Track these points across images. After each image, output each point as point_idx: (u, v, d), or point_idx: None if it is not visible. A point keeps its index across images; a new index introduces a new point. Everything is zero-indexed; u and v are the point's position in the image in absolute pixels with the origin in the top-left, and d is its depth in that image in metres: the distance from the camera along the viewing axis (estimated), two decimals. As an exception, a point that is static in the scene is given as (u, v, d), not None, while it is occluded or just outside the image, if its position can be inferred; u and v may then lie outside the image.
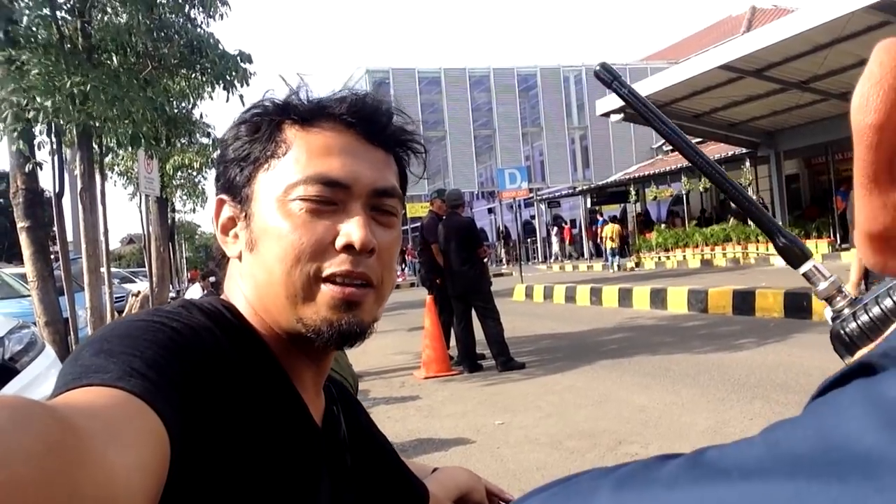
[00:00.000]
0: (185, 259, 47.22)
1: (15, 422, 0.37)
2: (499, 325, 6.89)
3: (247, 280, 0.72)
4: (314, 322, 0.68)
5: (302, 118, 0.72)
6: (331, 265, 0.68)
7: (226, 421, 0.59)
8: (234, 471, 0.59)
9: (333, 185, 0.69)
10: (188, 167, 15.66)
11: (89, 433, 0.42)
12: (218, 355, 0.62)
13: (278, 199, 0.69)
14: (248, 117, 0.74)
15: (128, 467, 0.43)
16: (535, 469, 3.83)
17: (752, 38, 11.14)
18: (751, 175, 17.60)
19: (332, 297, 0.68)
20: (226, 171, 0.75)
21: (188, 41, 7.27)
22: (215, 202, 0.76)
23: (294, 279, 0.68)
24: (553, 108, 30.22)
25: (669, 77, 12.73)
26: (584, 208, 27.34)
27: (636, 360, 6.67)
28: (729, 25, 30.98)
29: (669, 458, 0.28)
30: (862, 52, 10.61)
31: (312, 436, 0.71)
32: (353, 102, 0.73)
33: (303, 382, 0.73)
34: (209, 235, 27.01)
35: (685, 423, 4.46)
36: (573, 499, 0.30)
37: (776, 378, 5.41)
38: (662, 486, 0.26)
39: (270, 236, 0.69)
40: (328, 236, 0.68)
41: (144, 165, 9.84)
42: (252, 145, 0.72)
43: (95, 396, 0.49)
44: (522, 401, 5.50)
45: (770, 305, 8.75)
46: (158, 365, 0.54)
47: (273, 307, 0.70)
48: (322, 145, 0.71)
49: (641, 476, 0.28)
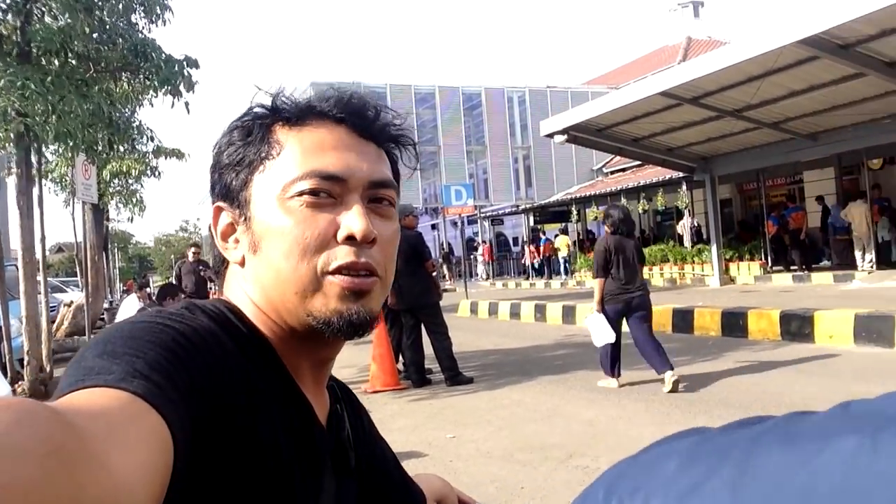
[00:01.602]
0: (118, 269, 45.67)
1: (17, 423, 0.37)
2: (447, 339, 6.93)
3: (252, 283, 0.72)
4: (324, 314, 0.69)
5: (292, 118, 0.73)
6: (335, 257, 0.69)
7: (229, 421, 0.59)
8: (238, 470, 0.59)
9: (330, 178, 0.70)
10: (126, 174, 15.23)
11: (92, 434, 0.42)
12: (221, 356, 0.62)
13: (277, 197, 0.70)
14: (240, 122, 0.75)
15: (131, 468, 0.43)
16: (489, 482, 3.87)
17: (689, 67, 11.56)
18: (687, 198, 18.21)
19: (340, 288, 0.69)
20: (221, 177, 0.75)
21: (132, 45, 7.12)
22: (213, 210, 0.76)
23: (301, 274, 0.68)
24: (497, 128, 30.65)
25: (611, 102, 13.08)
26: (527, 226, 27.73)
27: (581, 375, 6.80)
28: (666, 54, 32.10)
29: (808, 414, 0.33)
30: (793, 84, 11.18)
31: (317, 435, 0.71)
32: (339, 99, 0.74)
33: (307, 382, 0.73)
34: (143, 245, 26.28)
35: (632, 436, 4.59)
36: (728, 454, 0.34)
37: (717, 394, 5.61)
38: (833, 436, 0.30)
39: (273, 235, 0.70)
40: (330, 229, 0.69)
41: (82, 171, 9.54)
42: (246, 149, 0.73)
43: (98, 398, 0.49)
44: (472, 415, 5.54)
45: (708, 324, 9.06)
46: (161, 366, 0.54)
47: (282, 305, 0.70)
48: (315, 142, 0.72)
49: (801, 430, 0.32)
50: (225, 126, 0.78)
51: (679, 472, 0.34)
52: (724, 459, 0.33)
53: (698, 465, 0.34)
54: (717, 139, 14.27)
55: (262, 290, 0.72)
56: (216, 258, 0.79)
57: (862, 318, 7.32)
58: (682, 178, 17.37)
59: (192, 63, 7.48)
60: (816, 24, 9.03)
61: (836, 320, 7.59)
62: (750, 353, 7.29)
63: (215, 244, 0.77)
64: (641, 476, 0.37)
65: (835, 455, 0.29)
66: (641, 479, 0.37)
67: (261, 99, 0.77)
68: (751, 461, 0.32)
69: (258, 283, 0.72)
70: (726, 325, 8.78)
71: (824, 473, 0.29)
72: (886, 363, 6.30)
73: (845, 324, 7.44)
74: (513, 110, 31.47)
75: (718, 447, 0.35)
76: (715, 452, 0.34)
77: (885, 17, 8.55)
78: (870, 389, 5.36)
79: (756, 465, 0.31)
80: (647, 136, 14.60)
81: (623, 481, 0.38)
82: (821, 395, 5.30)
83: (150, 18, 8.17)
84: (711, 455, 0.34)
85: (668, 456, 0.37)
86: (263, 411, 0.63)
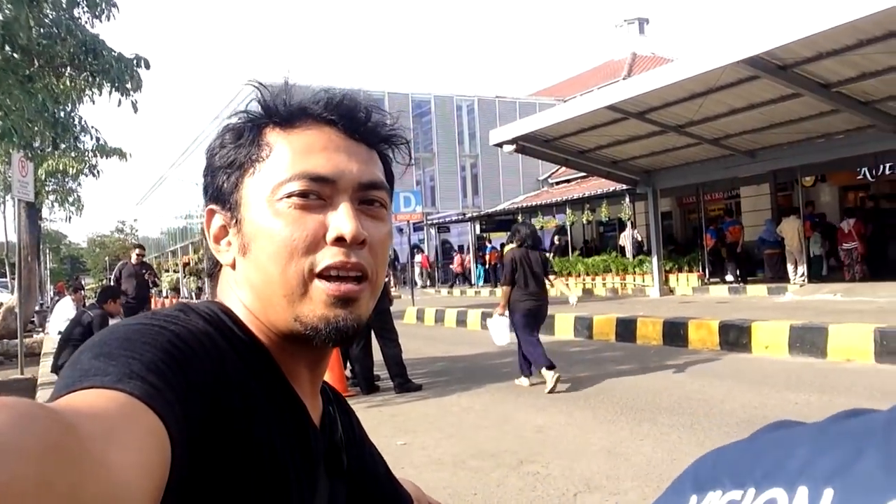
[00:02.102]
0: (48, 270, 43.93)
1: (15, 423, 0.37)
2: (397, 346, 6.91)
3: (242, 286, 0.72)
4: (311, 320, 0.69)
5: (283, 120, 0.73)
6: (324, 258, 0.68)
7: (225, 422, 0.59)
8: (234, 471, 0.59)
9: (319, 180, 0.70)
10: (63, 173, 14.68)
11: (89, 434, 0.42)
12: (217, 358, 0.62)
13: (266, 199, 0.70)
14: (231, 125, 0.75)
15: (128, 468, 0.43)
16: (442, 488, 3.87)
17: (635, 83, 11.87)
18: (630, 210, 18.63)
19: (327, 294, 0.68)
20: (214, 180, 0.75)
21: (81, 41, 6.90)
22: (206, 213, 0.76)
23: (289, 276, 0.68)
24: (445, 136, 30.76)
25: (559, 113, 13.31)
26: (473, 234, 27.89)
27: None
28: (611, 68, 32.82)
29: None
30: (734, 102, 11.60)
31: (311, 436, 0.72)
32: (330, 100, 0.74)
33: (301, 384, 0.73)
34: (76, 246, 25.45)
35: (581, 443, 4.66)
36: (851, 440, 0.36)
37: (660, 401, 5.75)
38: None
39: (262, 237, 0.69)
40: (319, 231, 0.69)
41: (19, 168, 9.16)
42: (237, 151, 0.73)
43: (95, 398, 0.49)
44: (422, 422, 5.54)
45: (650, 333, 9.28)
46: (158, 368, 0.55)
47: (270, 308, 0.70)
48: (305, 144, 0.72)
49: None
50: (219, 128, 0.77)
51: (818, 456, 0.36)
52: (866, 442, 0.35)
53: (837, 448, 0.36)
54: (660, 153, 14.68)
55: (252, 292, 0.71)
56: (209, 260, 0.78)
57: (796, 329, 7.62)
58: (626, 191, 17.77)
59: (142, 62, 7.29)
60: (757, 44, 9.40)
61: (772, 331, 7.87)
62: (691, 362, 7.50)
63: (209, 247, 0.76)
64: (772, 461, 0.38)
65: None
66: (773, 464, 0.38)
67: (255, 99, 0.77)
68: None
69: (248, 286, 0.72)
70: (667, 335, 9.02)
71: None
72: (819, 372, 6.57)
73: (781, 334, 7.73)
74: (462, 118, 31.62)
75: (851, 432, 0.37)
76: (851, 436, 0.36)
77: (821, 40, 8.96)
78: (806, 398, 5.58)
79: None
80: (592, 149, 14.90)
81: (748, 465, 0.39)
82: (760, 402, 5.49)
83: (93, 13, 7.94)
84: (848, 439, 0.36)
85: (792, 442, 0.39)
86: (259, 413, 0.63)
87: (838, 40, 9.00)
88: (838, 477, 0.34)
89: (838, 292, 12.54)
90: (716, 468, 0.41)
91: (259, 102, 0.75)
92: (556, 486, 3.80)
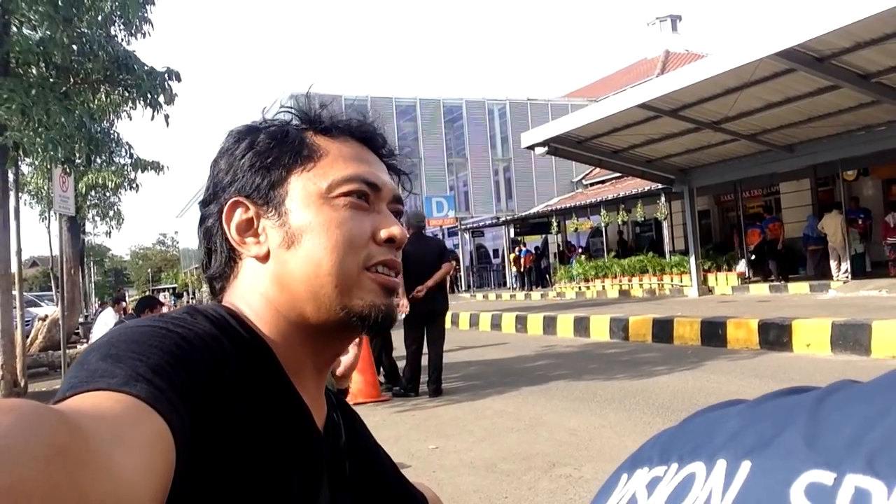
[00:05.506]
0: (93, 283, 45.07)
1: (21, 425, 0.37)
2: (441, 349, 6.96)
3: (272, 278, 0.73)
4: (361, 308, 0.73)
5: (325, 129, 0.80)
6: (377, 254, 0.75)
7: (230, 426, 0.60)
8: (237, 475, 0.59)
9: (372, 186, 0.77)
10: (103, 187, 15.05)
11: (95, 436, 0.42)
12: (223, 361, 0.63)
13: (322, 195, 0.74)
14: (268, 127, 0.79)
15: (133, 471, 0.44)
16: (473, 492, 3.84)
17: (668, 80, 11.68)
18: (666, 210, 18.37)
19: (379, 284, 0.74)
20: (243, 176, 0.76)
21: (114, 56, 7.06)
22: (227, 205, 0.76)
23: (346, 266, 0.72)
24: (478, 140, 30.74)
25: (591, 114, 13.17)
26: (507, 238, 27.81)
27: (563, 385, 6.81)
28: (644, 67, 32.48)
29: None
30: (769, 97, 11.35)
31: (315, 442, 0.72)
32: (360, 121, 0.82)
33: (306, 388, 0.74)
34: (120, 259, 26.02)
35: (615, 445, 4.59)
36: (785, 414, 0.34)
37: (697, 402, 5.62)
38: None
39: (317, 229, 0.73)
40: (370, 230, 0.75)
41: (59, 183, 9.42)
42: (282, 150, 0.77)
43: (101, 401, 0.49)
44: (454, 426, 5.52)
45: (687, 334, 9.12)
46: (164, 370, 0.55)
47: (312, 300, 0.72)
48: (353, 152, 0.79)
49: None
50: (224, 134, 0.81)
51: (743, 430, 0.35)
52: (793, 417, 0.34)
53: (763, 423, 0.35)
54: (695, 151, 14.42)
55: (285, 285, 0.73)
56: (216, 261, 0.78)
57: (839, 326, 7.40)
58: (662, 190, 17.52)
59: (174, 75, 7.43)
60: (792, 37, 9.18)
61: (814, 328, 7.67)
62: (730, 363, 7.35)
63: (217, 242, 0.77)
64: (700, 437, 0.38)
65: None
66: (701, 439, 0.37)
67: (282, 109, 0.84)
68: (823, 416, 0.32)
69: (282, 278, 0.73)
70: (706, 335, 8.85)
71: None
72: (863, 370, 6.37)
73: (823, 332, 7.52)
74: (493, 122, 31.62)
75: (781, 407, 0.36)
76: (780, 411, 0.35)
77: (859, 30, 8.72)
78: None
79: (832, 419, 0.32)
80: (626, 148, 14.72)
81: (678, 442, 0.39)
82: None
83: (129, 31, 8.13)
84: (777, 414, 0.35)
85: (725, 418, 0.38)
86: (264, 417, 0.64)
87: (876, 29, 8.74)
88: (758, 449, 0.33)
89: (883, 288, 12.17)
90: (653, 447, 0.40)
91: (296, 112, 0.82)
92: (589, 490, 3.74)
